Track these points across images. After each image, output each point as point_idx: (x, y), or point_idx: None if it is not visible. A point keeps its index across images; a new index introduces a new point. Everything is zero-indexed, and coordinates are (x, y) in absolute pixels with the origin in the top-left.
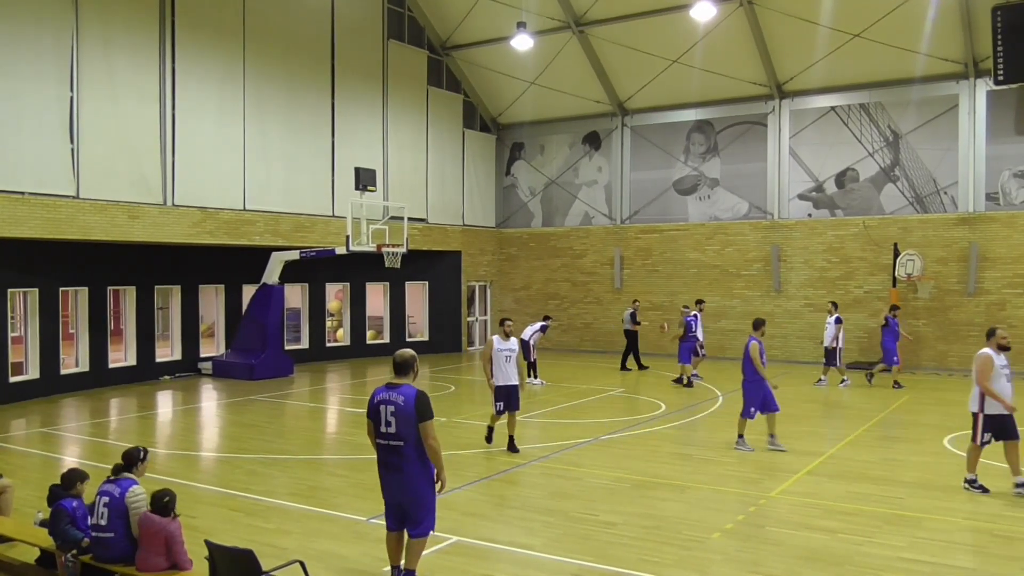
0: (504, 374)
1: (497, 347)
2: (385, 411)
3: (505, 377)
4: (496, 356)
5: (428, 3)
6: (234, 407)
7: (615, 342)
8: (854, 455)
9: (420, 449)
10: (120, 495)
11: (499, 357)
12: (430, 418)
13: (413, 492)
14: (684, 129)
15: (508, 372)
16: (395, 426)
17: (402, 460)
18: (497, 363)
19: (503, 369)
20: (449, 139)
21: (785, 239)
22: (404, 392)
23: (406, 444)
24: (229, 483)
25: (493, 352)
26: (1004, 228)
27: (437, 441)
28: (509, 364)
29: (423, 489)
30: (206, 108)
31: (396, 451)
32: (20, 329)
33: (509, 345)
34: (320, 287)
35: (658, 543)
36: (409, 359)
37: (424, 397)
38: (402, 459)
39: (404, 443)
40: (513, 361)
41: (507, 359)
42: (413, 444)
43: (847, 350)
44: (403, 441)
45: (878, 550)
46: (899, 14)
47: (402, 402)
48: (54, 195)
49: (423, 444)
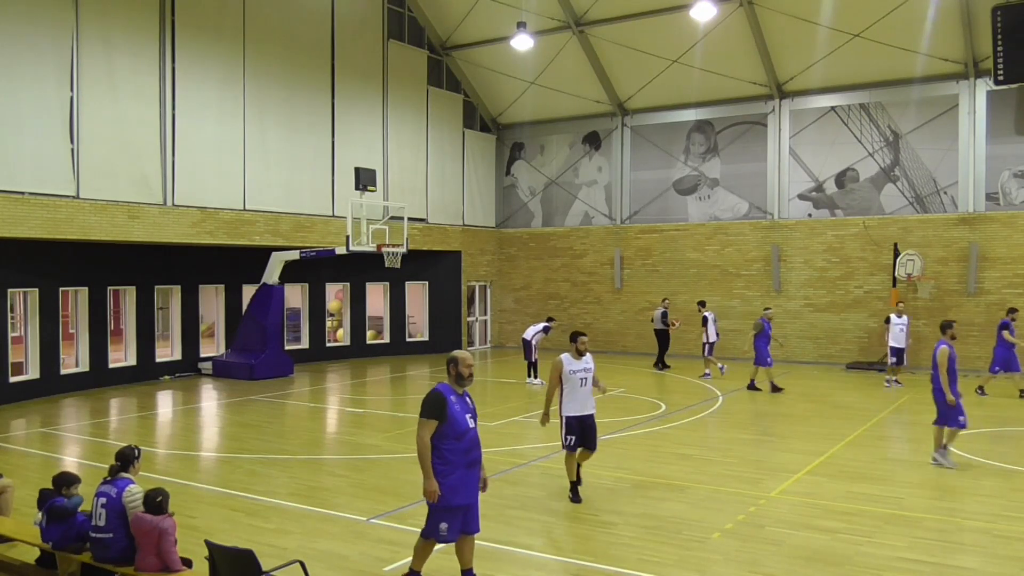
0: (578, 401)
1: (569, 368)
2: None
3: (580, 405)
4: (569, 379)
5: (428, 3)
6: (234, 407)
7: (615, 342)
8: (854, 455)
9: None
10: (117, 495)
11: (572, 380)
12: (421, 415)
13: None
14: (684, 129)
15: (583, 399)
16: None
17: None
18: (570, 388)
19: (577, 395)
20: (449, 139)
21: (785, 239)
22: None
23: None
24: (229, 483)
25: (564, 373)
26: (1004, 228)
27: (422, 441)
28: (585, 389)
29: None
30: (206, 108)
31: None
32: (20, 329)
33: (583, 365)
34: (320, 287)
35: (658, 543)
36: (448, 359)
37: (429, 394)
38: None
39: None
40: (590, 385)
41: (582, 383)
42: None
43: (848, 350)
44: None
45: (878, 550)
46: (899, 14)
47: None
48: (54, 195)
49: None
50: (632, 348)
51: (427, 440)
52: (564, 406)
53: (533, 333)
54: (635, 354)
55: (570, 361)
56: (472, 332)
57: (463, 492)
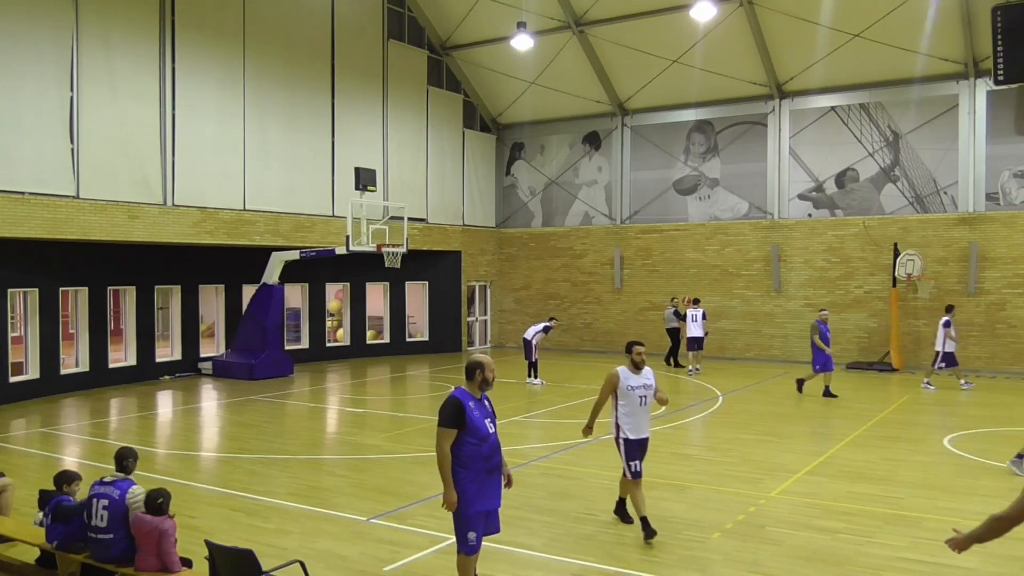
0: (638, 422)
1: (627, 382)
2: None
3: (640, 426)
4: (626, 396)
5: (428, 3)
6: (234, 407)
7: (615, 342)
8: (854, 455)
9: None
10: (120, 497)
11: (631, 398)
12: (440, 424)
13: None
14: (684, 129)
15: (643, 419)
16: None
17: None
18: (628, 406)
19: (637, 415)
20: (449, 139)
21: (785, 239)
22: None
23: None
24: (229, 483)
25: (620, 389)
26: (1004, 228)
27: (441, 450)
28: (645, 409)
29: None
30: (206, 108)
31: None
32: (20, 329)
33: (643, 380)
34: (320, 287)
35: (658, 543)
36: (472, 364)
37: (447, 401)
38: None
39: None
40: (650, 403)
41: (642, 401)
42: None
43: (848, 350)
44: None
45: (878, 550)
46: (899, 14)
47: None
48: (54, 195)
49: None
50: None
51: (447, 450)
52: (622, 427)
53: (534, 333)
54: None
55: (628, 375)
56: (472, 332)
57: (486, 498)
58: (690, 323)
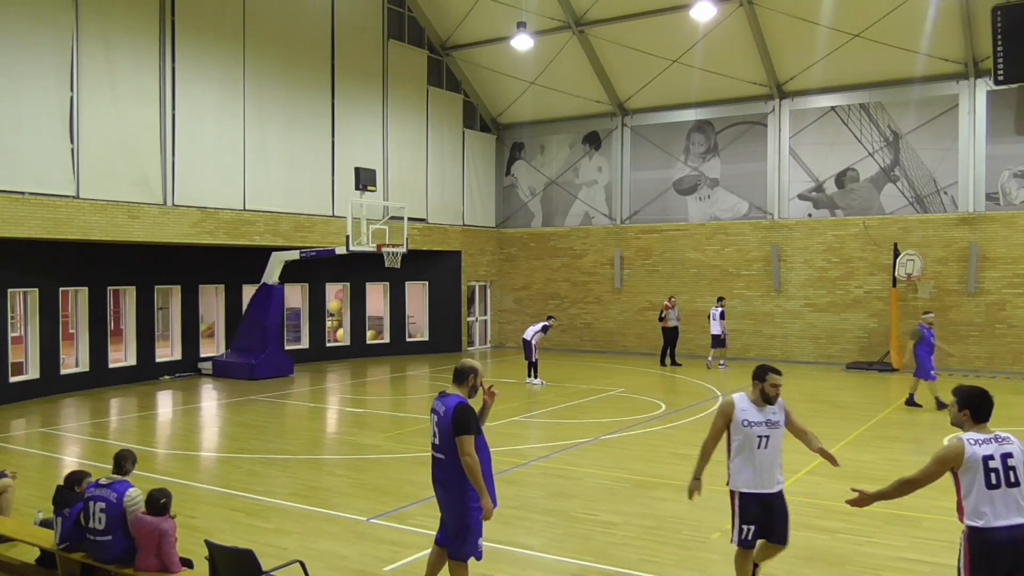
0: (756, 469)
1: (743, 416)
2: (433, 422)
3: (758, 475)
4: (741, 432)
5: (428, 3)
6: (234, 407)
7: (615, 342)
8: (854, 455)
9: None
10: (118, 500)
11: (747, 436)
12: (467, 432)
13: (455, 508)
14: (684, 129)
15: (765, 466)
16: (439, 438)
17: (444, 474)
18: (744, 447)
19: (755, 460)
20: (449, 139)
21: (785, 239)
22: (447, 403)
23: (447, 458)
24: (229, 483)
25: (735, 423)
26: (1004, 228)
27: (473, 458)
28: (767, 452)
29: (462, 509)
30: (206, 108)
31: (439, 464)
32: (20, 329)
33: (768, 416)
34: (320, 287)
35: (658, 543)
36: (467, 368)
37: (465, 409)
38: (444, 473)
39: (445, 456)
40: (776, 447)
41: (761, 442)
42: (454, 458)
43: (848, 350)
44: (444, 454)
45: (878, 550)
46: (899, 14)
47: (443, 412)
48: (54, 195)
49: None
50: (632, 348)
51: (477, 458)
52: (734, 474)
53: (533, 333)
54: (635, 354)
55: (747, 406)
56: (472, 332)
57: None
58: (713, 321)
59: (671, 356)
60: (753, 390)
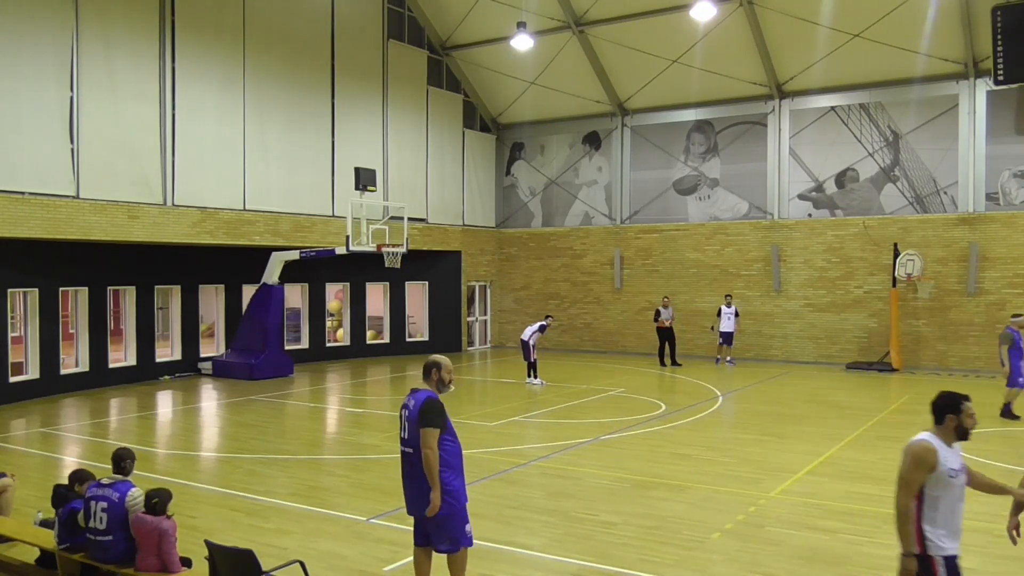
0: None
1: (947, 464)
2: (403, 416)
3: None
4: (942, 483)
5: (428, 3)
6: (234, 407)
7: (615, 342)
8: (854, 455)
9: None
10: (120, 500)
11: (950, 487)
12: (432, 426)
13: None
14: (684, 129)
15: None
16: (408, 432)
17: (415, 469)
18: (944, 499)
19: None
20: (449, 139)
21: (785, 239)
22: (417, 397)
23: (415, 451)
24: (229, 483)
25: (938, 472)
26: (1004, 228)
27: (434, 452)
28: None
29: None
30: (206, 108)
31: (408, 459)
32: (20, 329)
33: (960, 456)
34: (320, 287)
35: (658, 543)
36: (430, 363)
37: (434, 403)
38: (414, 468)
39: (413, 450)
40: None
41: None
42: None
43: (848, 350)
44: (412, 448)
45: (878, 550)
46: (899, 14)
47: (412, 406)
48: (54, 195)
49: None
50: (632, 348)
51: (437, 451)
52: (932, 537)
53: (531, 333)
54: (635, 354)
55: (946, 452)
56: (472, 332)
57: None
58: (723, 319)
59: (671, 356)
60: (942, 427)
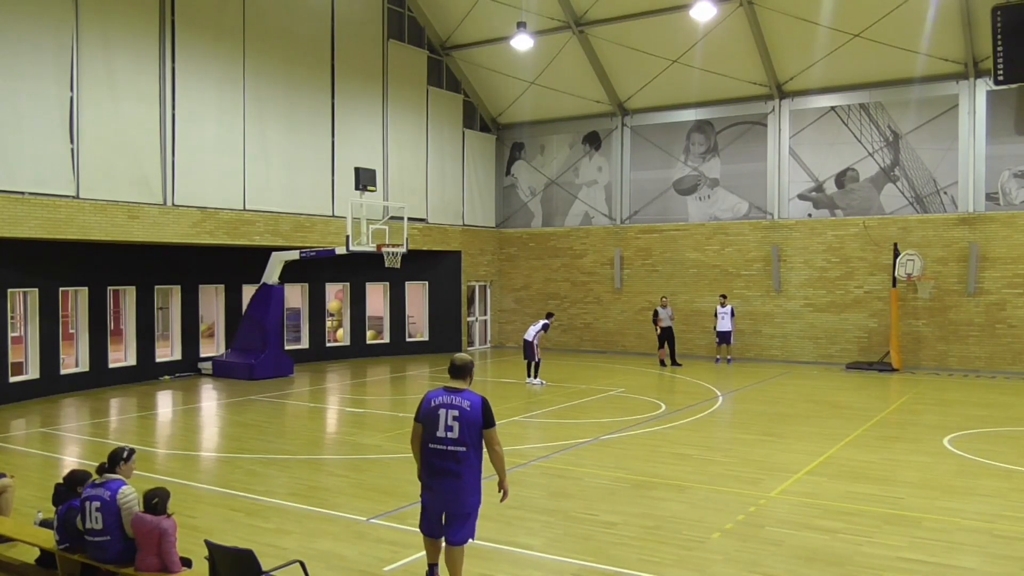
0: None
1: None
2: (446, 415)
3: None
4: None
5: (428, 3)
6: (234, 407)
7: (615, 342)
8: (854, 455)
9: (479, 456)
10: (111, 498)
11: None
12: (495, 425)
13: (467, 498)
14: (684, 129)
15: None
16: (457, 431)
17: (461, 466)
18: None
19: None
20: (449, 139)
21: (785, 239)
22: (468, 397)
23: (468, 449)
24: (229, 483)
25: None
26: (1004, 228)
27: (501, 450)
28: None
29: (476, 496)
30: (206, 108)
31: (455, 457)
32: (20, 329)
33: None
34: (320, 287)
35: (658, 543)
36: (468, 363)
37: (489, 404)
38: (461, 465)
39: (466, 448)
40: None
41: None
42: (475, 450)
43: (848, 350)
44: (465, 447)
45: (878, 550)
46: (899, 14)
47: (468, 407)
48: (54, 195)
49: (482, 451)
50: (632, 348)
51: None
52: None
53: (534, 333)
54: (635, 354)
55: None
56: (472, 332)
57: None
58: (720, 318)
59: (671, 356)
60: None
